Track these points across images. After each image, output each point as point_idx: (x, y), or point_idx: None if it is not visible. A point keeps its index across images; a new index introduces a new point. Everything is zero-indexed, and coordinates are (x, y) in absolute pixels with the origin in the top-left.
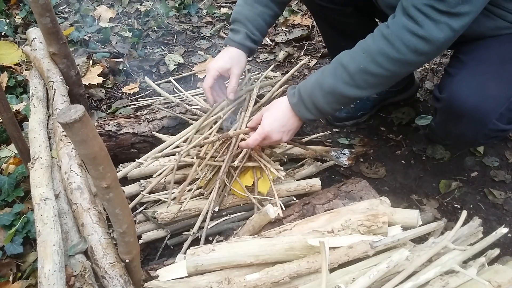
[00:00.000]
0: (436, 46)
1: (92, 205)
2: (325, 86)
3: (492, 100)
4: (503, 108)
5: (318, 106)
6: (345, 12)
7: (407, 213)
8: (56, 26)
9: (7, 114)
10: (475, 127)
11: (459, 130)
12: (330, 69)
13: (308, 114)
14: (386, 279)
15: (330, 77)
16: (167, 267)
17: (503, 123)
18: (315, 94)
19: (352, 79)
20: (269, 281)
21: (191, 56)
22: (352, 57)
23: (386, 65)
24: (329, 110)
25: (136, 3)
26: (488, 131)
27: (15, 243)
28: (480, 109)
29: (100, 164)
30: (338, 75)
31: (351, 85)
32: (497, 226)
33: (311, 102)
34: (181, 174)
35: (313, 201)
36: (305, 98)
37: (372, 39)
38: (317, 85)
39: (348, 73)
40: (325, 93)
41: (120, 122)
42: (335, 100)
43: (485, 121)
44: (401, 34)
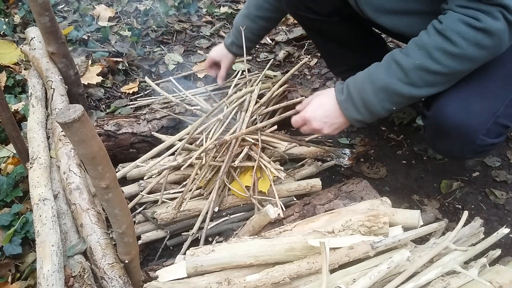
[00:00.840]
0: (499, 38)
1: (91, 206)
2: (377, 81)
3: (478, 116)
4: (489, 124)
5: (368, 104)
6: (331, 22)
7: (408, 213)
8: (55, 25)
9: (5, 114)
10: (462, 144)
11: (446, 147)
12: (382, 65)
13: (355, 113)
14: (387, 280)
15: (383, 73)
16: (167, 267)
17: (491, 138)
18: (366, 91)
19: (407, 76)
20: (269, 282)
21: (191, 56)
22: (407, 54)
23: (445, 61)
24: (380, 110)
25: (136, 2)
26: (476, 147)
27: (13, 243)
28: (467, 126)
29: (99, 164)
30: (391, 70)
31: (406, 82)
32: (499, 226)
33: (361, 99)
34: (181, 174)
35: (314, 202)
36: (354, 95)
37: (427, 35)
38: (368, 81)
39: (402, 70)
40: (376, 90)
41: (119, 122)
42: (387, 98)
43: (472, 138)
44: (458, 28)
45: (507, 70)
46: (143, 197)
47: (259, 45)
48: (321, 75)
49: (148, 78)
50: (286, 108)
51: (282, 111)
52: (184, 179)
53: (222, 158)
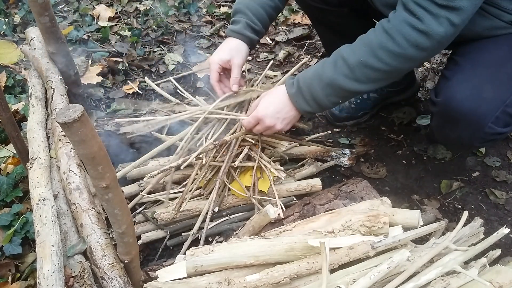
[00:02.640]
0: (437, 41)
1: (91, 206)
2: (324, 77)
3: (488, 103)
4: (498, 112)
5: (316, 98)
6: (340, 13)
7: (408, 213)
8: (55, 25)
9: (5, 114)
10: (471, 131)
11: (455, 134)
12: (330, 61)
13: (305, 106)
14: (387, 280)
15: (330, 69)
16: (167, 267)
17: (499, 126)
18: (314, 86)
19: (352, 72)
20: (269, 282)
21: (191, 56)
22: (353, 50)
23: (387, 59)
24: (327, 103)
25: (135, 2)
26: (485, 135)
27: (13, 243)
28: (476, 113)
29: (99, 164)
30: (338, 67)
31: (351, 78)
32: (499, 226)
33: (310, 94)
34: (181, 174)
35: (314, 202)
36: (304, 89)
37: (374, 33)
38: (316, 76)
39: (348, 66)
40: (324, 85)
41: (119, 122)
42: (333, 93)
43: (481, 125)
44: (402, 28)
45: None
46: (143, 197)
47: (259, 45)
48: None
49: (148, 78)
50: None
51: None
52: (184, 179)
53: (222, 158)
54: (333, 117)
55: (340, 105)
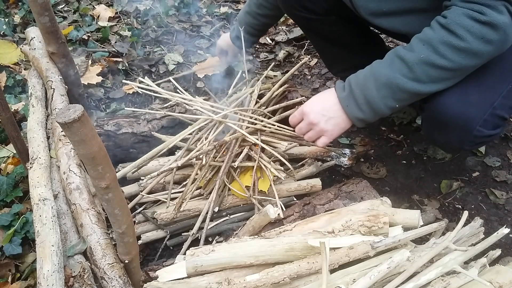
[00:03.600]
0: (503, 31)
1: (91, 206)
2: (380, 77)
3: (475, 107)
4: (486, 114)
5: (371, 101)
6: (329, 21)
7: (408, 213)
8: (55, 25)
9: (5, 114)
10: (460, 135)
11: (444, 138)
12: (385, 61)
13: (357, 111)
14: (387, 280)
15: (386, 69)
16: (167, 267)
17: (488, 129)
18: (369, 87)
19: (411, 71)
20: (269, 282)
21: (191, 56)
22: (410, 49)
23: (450, 55)
24: (383, 108)
25: (136, 2)
26: (474, 138)
27: (13, 243)
28: (464, 117)
29: (99, 164)
30: (395, 66)
31: (410, 77)
32: (499, 226)
33: (363, 96)
34: (181, 174)
35: (314, 202)
36: (356, 92)
37: (431, 30)
38: (370, 77)
39: (406, 64)
40: (379, 86)
41: (119, 122)
42: (391, 94)
43: (469, 129)
44: (463, 21)
45: (506, 63)
46: (143, 197)
47: (259, 45)
48: (321, 75)
49: (148, 78)
50: (286, 108)
51: (282, 111)
52: (184, 179)
53: (222, 158)
54: None
55: None
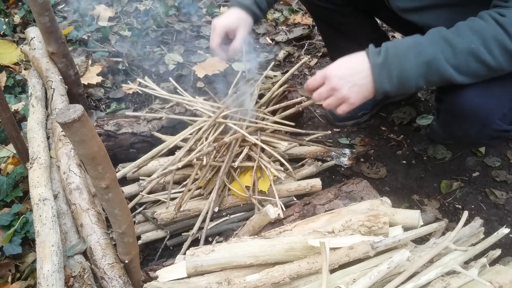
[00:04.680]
0: None
1: (91, 206)
2: (424, 54)
3: (496, 100)
4: (506, 109)
5: (406, 75)
6: (344, 12)
7: (408, 213)
8: (55, 25)
9: (5, 114)
10: (478, 127)
11: (462, 131)
12: (428, 39)
13: (386, 83)
14: (387, 280)
15: (431, 48)
16: (167, 267)
17: (506, 124)
18: (409, 60)
19: (455, 57)
20: (269, 282)
21: (191, 56)
22: (459, 34)
23: (498, 55)
24: (412, 85)
25: (136, 2)
26: (492, 131)
27: (13, 243)
28: (484, 110)
29: (99, 164)
30: (439, 47)
31: (451, 63)
32: (499, 226)
33: (399, 68)
34: (181, 174)
35: (314, 202)
36: (393, 61)
37: (485, 22)
38: (413, 51)
39: (453, 49)
40: (420, 63)
41: (119, 122)
42: (427, 73)
43: (488, 122)
44: None
45: None
46: (143, 197)
47: (259, 45)
48: None
49: (148, 78)
50: (286, 108)
51: (282, 111)
52: (184, 179)
53: (222, 158)
54: (333, 117)
55: None
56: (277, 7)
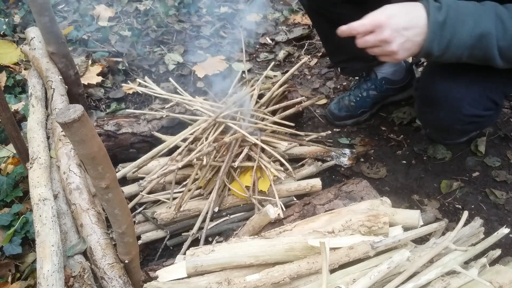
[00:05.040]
0: None
1: (91, 206)
2: (482, 25)
3: (465, 85)
4: (476, 94)
5: (456, 42)
6: (342, 5)
7: (408, 213)
8: (55, 25)
9: (5, 114)
10: (449, 112)
11: (434, 116)
12: (487, 12)
13: (436, 44)
14: (387, 280)
15: (489, 21)
16: (167, 267)
17: (478, 109)
18: (466, 27)
19: (505, 39)
20: (269, 282)
21: (191, 56)
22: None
23: None
24: (457, 54)
25: (135, 2)
26: (463, 116)
27: (13, 243)
28: (453, 95)
29: (99, 164)
30: (495, 24)
31: (500, 44)
32: (499, 226)
33: (453, 32)
34: (181, 174)
35: (314, 202)
36: (451, 23)
37: None
38: (472, 18)
39: (505, 31)
40: (475, 33)
41: (119, 122)
42: (476, 46)
43: (458, 106)
44: None
45: None
46: (143, 197)
47: (259, 45)
48: (321, 75)
49: (148, 78)
50: (286, 108)
51: (282, 111)
52: (184, 179)
53: (222, 158)
54: (332, 116)
55: (339, 104)
56: (277, 7)
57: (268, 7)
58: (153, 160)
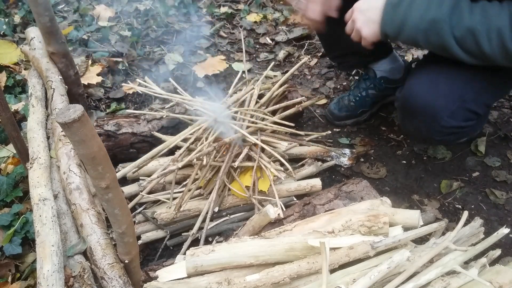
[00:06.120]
0: None
1: (91, 206)
2: (434, 11)
3: (443, 98)
4: (454, 106)
5: (407, 23)
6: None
7: (408, 213)
8: (55, 25)
9: (5, 114)
10: (428, 123)
11: (414, 127)
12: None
13: (389, 25)
14: (387, 280)
15: (444, 8)
16: (167, 267)
17: (457, 121)
18: (418, 9)
19: (459, 30)
20: (269, 282)
21: (191, 56)
22: (471, 11)
23: (495, 45)
24: (410, 36)
25: (135, 2)
26: (441, 128)
27: (13, 243)
28: (430, 106)
29: (99, 164)
30: (450, 13)
31: (454, 34)
32: (499, 226)
33: (405, 14)
34: (181, 174)
35: (314, 202)
36: (404, 5)
37: (499, 11)
38: (426, 3)
39: (460, 22)
40: (426, 18)
41: (119, 122)
42: (429, 31)
43: (436, 118)
44: None
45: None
46: (143, 197)
47: (259, 45)
48: (321, 75)
49: (148, 78)
50: (286, 108)
51: (282, 111)
52: (184, 179)
53: (222, 159)
54: (332, 116)
55: (339, 104)
56: (277, 7)
57: (268, 7)
58: (153, 160)
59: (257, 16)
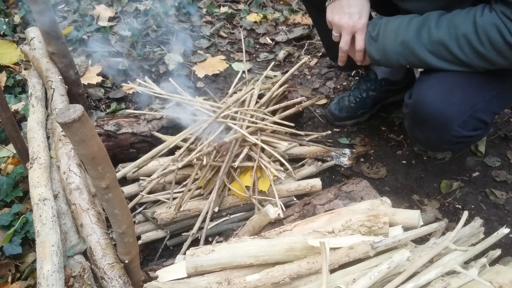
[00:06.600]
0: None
1: (91, 206)
2: (402, 35)
3: (455, 107)
4: (466, 116)
5: (387, 51)
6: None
7: (408, 213)
8: (55, 25)
9: (5, 114)
10: (438, 133)
11: (424, 135)
12: (413, 23)
13: (372, 52)
14: (387, 280)
15: (411, 30)
16: (167, 267)
17: (467, 130)
18: (390, 38)
19: (430, 44)
20: (269, 282)
21: (191, 56)
22: (437, 24)
23: (467, 51)
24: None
25: (135, 2)
26: (451, 137)
27: (13, 243)
28: (443, 116)
29: (99, 164)
30: (417, 32)
31: (428, 49)
32: (499, 226)
33: (383, 43)
34: (181, 174)
35: (314, 202)
36: (381, 36)
37: (464, 18)
38: (395, 30)
39: (429, 37)
40: (398, 42)
41: (119, 122)
42: (405, 53)
43: (447, 128)
44: (490, 31)
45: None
46: (143, 197)
47: (259, 45)
48: (321, 75)
49: (148, 78)
50: (286, 108)
51: (282, 111)
52: (184, 179)
53: (222, 159)
54: (333, 116)
55: (339, 104)
56: (277, 7)
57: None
58: (153, 160)
59: (257, 16)
